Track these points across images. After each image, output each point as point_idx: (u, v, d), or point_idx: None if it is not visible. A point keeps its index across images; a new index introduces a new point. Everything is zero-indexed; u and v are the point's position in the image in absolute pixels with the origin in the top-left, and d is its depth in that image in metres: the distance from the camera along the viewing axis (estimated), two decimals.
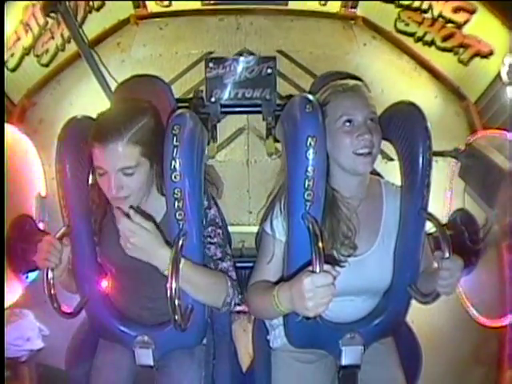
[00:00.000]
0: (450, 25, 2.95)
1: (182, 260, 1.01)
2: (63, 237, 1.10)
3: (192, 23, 3.52)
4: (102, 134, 1.02)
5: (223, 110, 1.76)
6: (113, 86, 2.04)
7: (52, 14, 1.95)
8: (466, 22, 2.85)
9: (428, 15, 3.05)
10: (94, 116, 1.14)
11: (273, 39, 3.38)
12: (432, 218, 1.09)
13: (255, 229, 1.30)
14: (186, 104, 1.71)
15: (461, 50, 2.93)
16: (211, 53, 3.27)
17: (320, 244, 0.88)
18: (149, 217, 1.07)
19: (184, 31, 3.49)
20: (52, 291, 1.06)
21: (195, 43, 3.38)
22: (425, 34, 3.13)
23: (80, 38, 1.94)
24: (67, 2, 1.84)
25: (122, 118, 1.05)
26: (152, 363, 1.17)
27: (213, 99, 1.73)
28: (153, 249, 1.00)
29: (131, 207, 1.05)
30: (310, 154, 0.97)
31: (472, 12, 2.79)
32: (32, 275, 1.59)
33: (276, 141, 1.61)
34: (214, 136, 1.82)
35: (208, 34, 3.45)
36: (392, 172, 1.18)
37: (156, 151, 1.06)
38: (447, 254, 1.00)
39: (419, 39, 3.18)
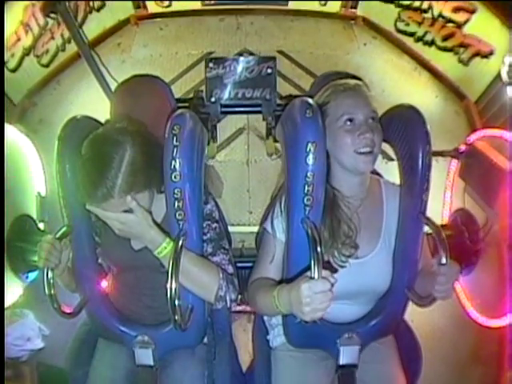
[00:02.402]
0: (450, 24, 2.95)
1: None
2: (63, 237, 1.10)
3: (192, 23, 3.55)
4: (91, 197, 1.00)
5: (223, 109, 1.76)
6: (113, 86, 2.05)
7: (52, 15, 1.95)
8: (466, 22, 2.85)
9: (428, 15, 3.05)
10: (94, 116, 1.14)
11: (273, 39, 3.41)
12: (430, 222, 1.08)
13: (255, 229, 1.30)
14: (186, 104, 1.71)
15: (461, 49, 2.93)
16: (211, 53, 3.28)
17: (318, 249, 0.87)
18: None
19: (184, 31, 3.51)
20: (52, 291, 1.06)
21: (195, 43, 3.40)
22: (425, 33, 3.13)
23: (80, 39, 1.95)
24: (67, 3, 1.84)
25: (104, 176, 0.98)
26: (152, 363, 1.17)
27: (213, 99, 1.73)
28: (142, 231, 1.02)
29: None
30: (310, 159, 0.97)
31: (472, 12, 2.79)
32: (32, 275, 1.59)
33: (276, 141, 1.61)
34: (214, 136, 1.82)
35: (208, 34, 3.48)
36: (392, 172, 1.18)
37: (148, 174, 1.04)
38: (444, 260, 0.99)
39: (419, 39, 3.19)
